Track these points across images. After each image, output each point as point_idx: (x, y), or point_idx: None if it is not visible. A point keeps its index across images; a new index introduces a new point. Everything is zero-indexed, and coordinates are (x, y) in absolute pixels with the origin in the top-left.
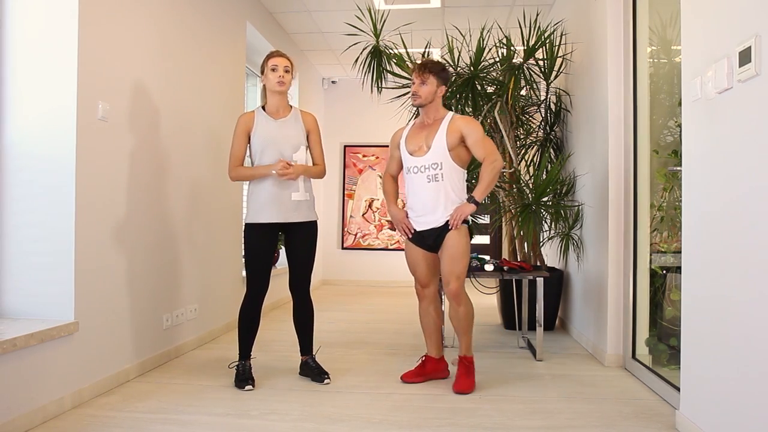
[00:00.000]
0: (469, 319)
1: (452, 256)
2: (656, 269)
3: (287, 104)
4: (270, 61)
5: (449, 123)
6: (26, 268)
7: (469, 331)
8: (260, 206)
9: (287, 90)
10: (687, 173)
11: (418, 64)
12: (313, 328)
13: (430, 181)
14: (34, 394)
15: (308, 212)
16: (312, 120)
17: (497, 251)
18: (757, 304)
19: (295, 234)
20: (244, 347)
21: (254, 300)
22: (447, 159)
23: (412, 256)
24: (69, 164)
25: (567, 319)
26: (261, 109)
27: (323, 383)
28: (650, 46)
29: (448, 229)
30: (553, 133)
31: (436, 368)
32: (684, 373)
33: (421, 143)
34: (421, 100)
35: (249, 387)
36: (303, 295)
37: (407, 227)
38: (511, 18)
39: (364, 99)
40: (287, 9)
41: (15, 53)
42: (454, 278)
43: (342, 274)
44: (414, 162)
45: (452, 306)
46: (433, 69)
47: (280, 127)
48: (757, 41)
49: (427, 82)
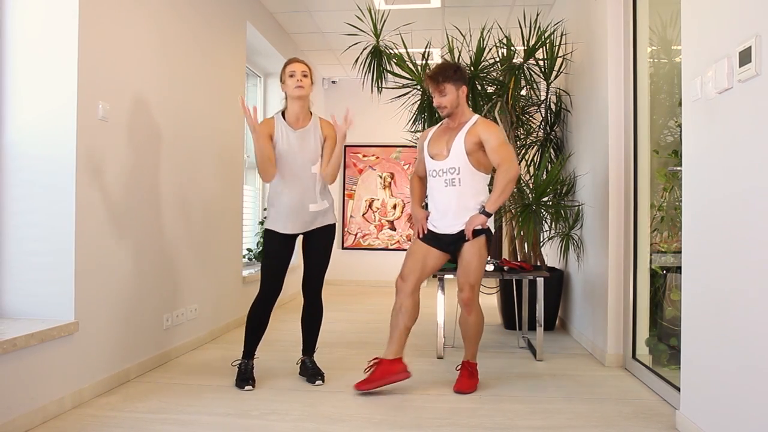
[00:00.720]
0: (478, 329)
1: (467, 265)
2: (656, 269)
3: (308, 112)
4: (287, 68)
5: (470, 128)
6: (26, 268)
7: (477, 341)
8: (279, 216)
9: (307, 95)
10: (687, 173)
11: (430, 76)
12: (319, 330)
13: (447, 186)
14: (34, 394)
15: (325, 217)
16: (331, 128)
17: (497, 251)
18: (758, 304)
19: (314, 237)
20: (248, 346)
21: (265, 302)
22: (466, 164)
23: (413, 250)
24: (69, 164)
25: (567, 319)
26: (281, 116)
27: (314, 384)
28: (650, 46)
29: (465, 238)
30: (554, 133)
31: (389, 370)
32: (684, 373)
33: (442, 147)
34: (448, 110)
35: (249, 387)
36: (314, 296)
37: (422, 227)
38: (511, 18)
39: (364, 99)
40: (287, 9)
41: (15, 53)
42: (468, 287)
43: (342, 274)
44: (434, 165)
45: (462, 314)
46: (447, 76)
47: (300, 138)
48: (758, 41)
49: (446, 92)
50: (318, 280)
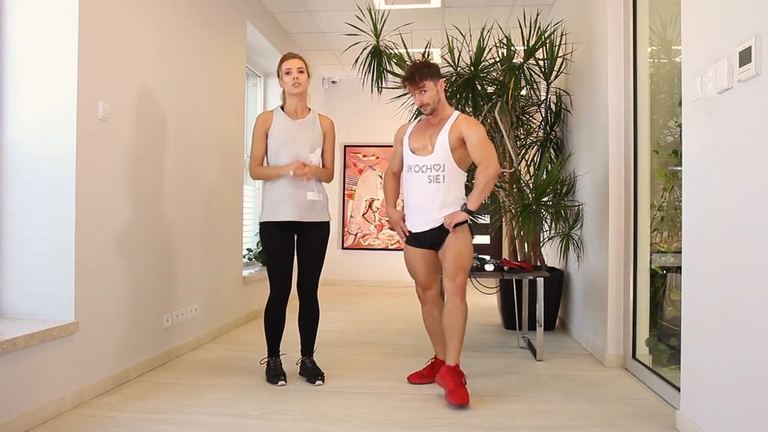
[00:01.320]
0: (466, 319)
1: (457, 250)
2: (656, 269)
3: (306, 106)
4: (283, 65)
5: (452, 123)
6: (26, 268)
7: (463, 334)
8: (276, 204)
9: (304, 90)
10: (687, 173)
11: (407, 77)
12: (316, 330)
13: (431, 182)
14: (34, 394)
15: (321, 212)
16: (329, 124)
17: (497, 251)
18: (758, 304)
19: (308, 234)
20: (271, 346)
21: (278, 301)
22: (450, 161)
23: (411, 259)
24: (69, 164)
25: (567, 319)
26: (280, 108)
27: (314, 384)
28: (650, 46)
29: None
30: (554, 133)
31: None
32: (684, 373)
33: (425, 141)
34: (431, 106)
35: (282, 382)
36: (310, 295)
37: (403, 230)
38: (511, 18)
39: (364, 99)
40: (288, 9)
41: (15, 53)
42: (462, 271)
43: (342, 274)
44: (416, 161)
45: (453, 303)
46: (423, 73)
47: (298, 127)
48: (758, 41)
49: (426, 88)
50: (313, 280)
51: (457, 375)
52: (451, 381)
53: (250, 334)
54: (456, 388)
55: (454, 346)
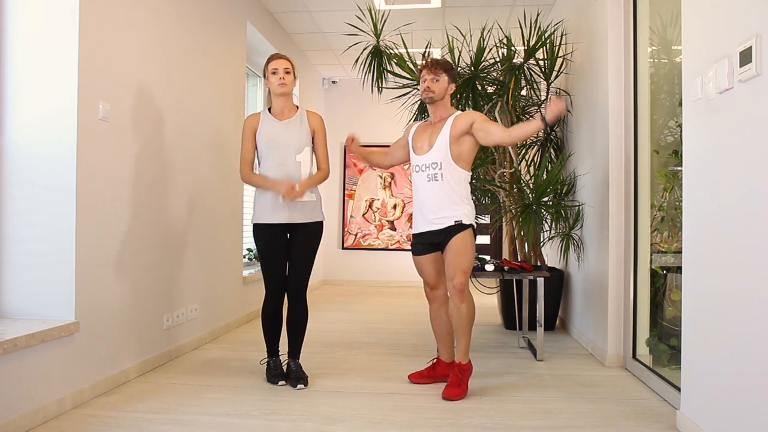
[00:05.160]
0: (470, 319)
1: (457, 252)
2: (657, 269)
3: (292, 105)
4: (270, 65)
5: (453, 121)
6: (26, 268)
7: (469, 333)
8: (266, 207)
9: (290, 91)
10: (687, 173)
11: (430, 60)
12: (304, 333)
13: (430, 181)
14: (34, 394)
15: (314, 212)
16: (318, 120)
17: (498, 251)
18: (758, 304)
19: (299, 234)
20: (270, 346)
21: (273, 302)
22: (446, 158)
23: (418, 260)
24: (69, 164)
25: (567, 319)
26: (267, 110)
27: (296, 388)
28: (651, 46)
29: (454, 231)
30: (554, 133)
31: (446, 372)
32: (684, 373)
33: (424, 142)
34: (434, 95)
35: (282, 382)
36: (298, 296)
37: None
38: (511, 18)
39: (364, 99)
40: (288, 9)
41: (15, 53)
42: (460, 272)
43: (342, 274)
44: (417, 160)
45: (454, 303)
46: (445, 66)
47: (285, 128)
48: (758, 41)
49: (440, 78)
50: (302, 281)
51: (461, 372)
52: (454, 377)
53: (251, 334)
54: (451, 384)
55: (460, 345)
